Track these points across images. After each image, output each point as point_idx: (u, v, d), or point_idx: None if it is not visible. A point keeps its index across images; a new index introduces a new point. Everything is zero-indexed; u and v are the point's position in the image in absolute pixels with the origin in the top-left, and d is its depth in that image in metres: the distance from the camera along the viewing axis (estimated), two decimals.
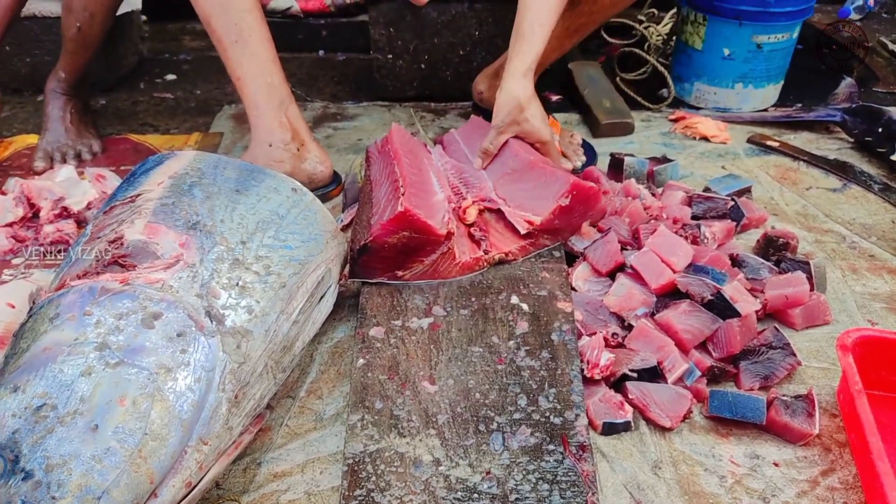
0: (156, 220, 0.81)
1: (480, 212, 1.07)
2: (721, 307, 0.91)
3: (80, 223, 1.18)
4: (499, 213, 1.08)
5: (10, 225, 1.17)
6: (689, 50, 1.67)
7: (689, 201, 1.17)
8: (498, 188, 1.12)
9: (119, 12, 1.44)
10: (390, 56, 1.67)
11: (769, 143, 1.49)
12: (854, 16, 2.21)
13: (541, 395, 0.83)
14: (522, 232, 1.03)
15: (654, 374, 0.87)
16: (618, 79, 1.77)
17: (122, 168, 1.38)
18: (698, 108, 1.68)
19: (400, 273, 0.99)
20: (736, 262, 1.05)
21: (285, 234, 0.89)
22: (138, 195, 0.86)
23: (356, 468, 0.75)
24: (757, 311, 0.95)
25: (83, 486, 0.60)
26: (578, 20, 1.29)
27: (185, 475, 0.67)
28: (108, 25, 1.40)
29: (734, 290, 0.94)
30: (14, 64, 1.76)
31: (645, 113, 1.65)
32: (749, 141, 1.51)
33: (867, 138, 1.46)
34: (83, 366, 0.66)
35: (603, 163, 1.35)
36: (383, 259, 0.97)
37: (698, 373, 0.89)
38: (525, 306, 0.96)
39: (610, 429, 0.83)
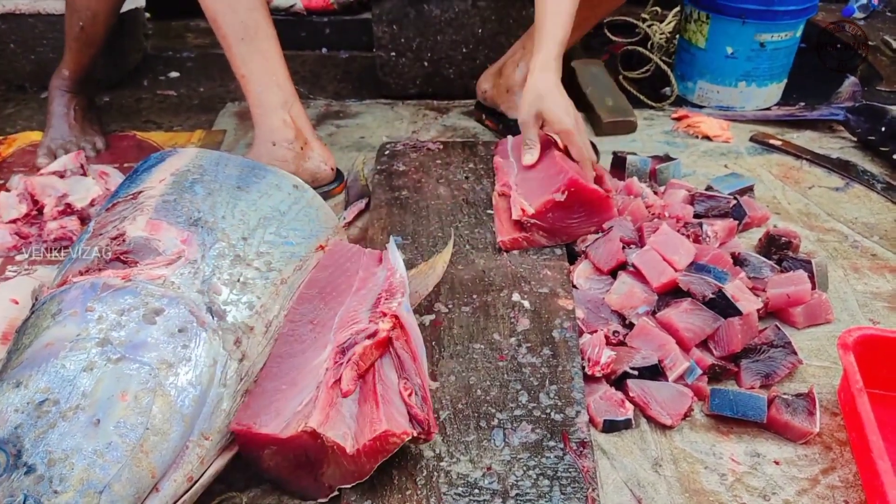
0: (157, 217, 0.82)
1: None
2: (722, 306, 0.91)
3: (84, 220, 1.18)
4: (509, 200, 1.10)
5: (14, 221, 1.17)
6: (692, 48, 1.66)
7: (692, 200, 1.17)
8: (518, 176, 1.14)
9: (123, 9, 1.45)
10: (393, 54, 1.67)
11: (772, 141, 1.49)
12: (858, 14, 2.20)
13: (542, 391, 0.83)
14: (515, 217, 1.04)
15: (654, 372, 0.88)
16: (621, 77, 1.77)
17: (126, 165, 1.38)
18: (701, 107, 1.67)
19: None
20: (738, 260, 1.05)
21: (286, 230, 0.89)
22: (140, 192, 0.86)
23: None
24: (758, 310, 0.95)
25: (85, 481, 0.61)
26: (582, 13, 1.29)
27: (186, 470, 0.68)
28: (111, 23, 1.40)
29: (736, 288, 0.94)
30: (18, 61, 1.76)
31: (648, 111, 1.65)
32: (752, 140, 1.51)
33: (870, 137, 1.46)
34: (85, 361, 0.67)
35: (605, 161, 1.35)
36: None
37: (699, 371, 0.89)
38: (526, 303, 0.96)
39: (611, 426, 0.83)
